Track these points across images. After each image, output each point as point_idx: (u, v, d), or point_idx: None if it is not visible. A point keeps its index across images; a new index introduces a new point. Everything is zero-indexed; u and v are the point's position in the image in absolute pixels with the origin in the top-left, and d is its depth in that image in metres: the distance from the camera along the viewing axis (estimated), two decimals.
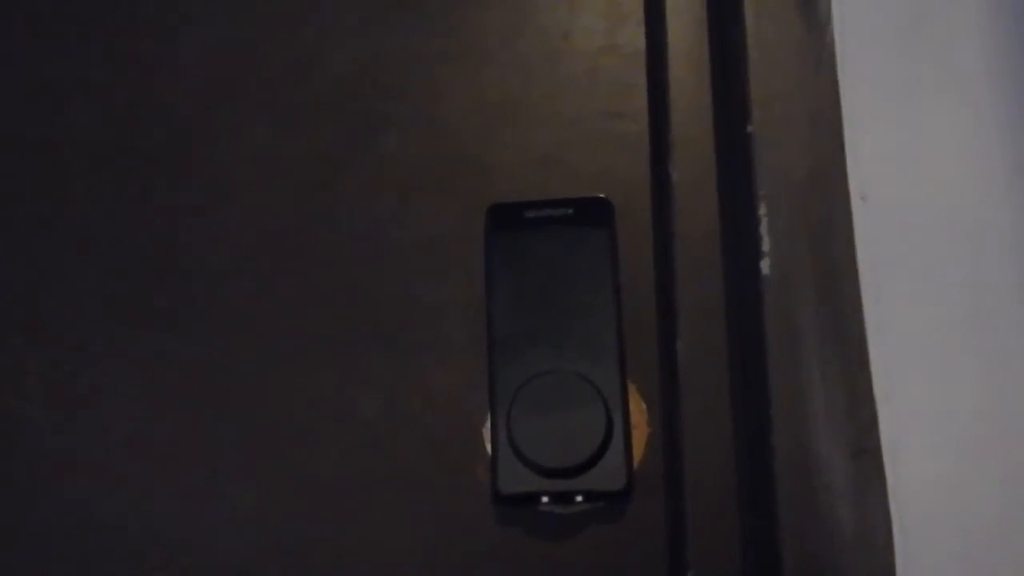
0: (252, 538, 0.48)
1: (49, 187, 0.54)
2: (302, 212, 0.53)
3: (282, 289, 0.52)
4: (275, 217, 0.53)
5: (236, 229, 0.53)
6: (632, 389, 0.48)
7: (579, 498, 0.47)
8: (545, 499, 0.47)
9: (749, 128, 0.40)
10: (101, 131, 0.55)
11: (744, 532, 0.41)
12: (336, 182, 0.53)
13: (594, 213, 0.50)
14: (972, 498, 0.36)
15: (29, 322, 0.52)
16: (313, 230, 0.52)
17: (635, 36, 0.52)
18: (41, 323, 0.52)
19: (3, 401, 0.50)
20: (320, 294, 0.51)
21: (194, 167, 0.54)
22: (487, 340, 0.49)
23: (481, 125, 0.53)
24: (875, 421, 0.36)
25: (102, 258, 0.53)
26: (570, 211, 0.50)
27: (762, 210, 0.39)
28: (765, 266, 0.38)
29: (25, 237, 0.54)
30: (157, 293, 0.52)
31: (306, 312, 0.51)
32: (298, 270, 0.52)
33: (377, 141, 0.53)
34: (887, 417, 0.36)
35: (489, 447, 0.48)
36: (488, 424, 0.48)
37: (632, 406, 0.48)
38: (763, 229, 0.39)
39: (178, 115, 0.55)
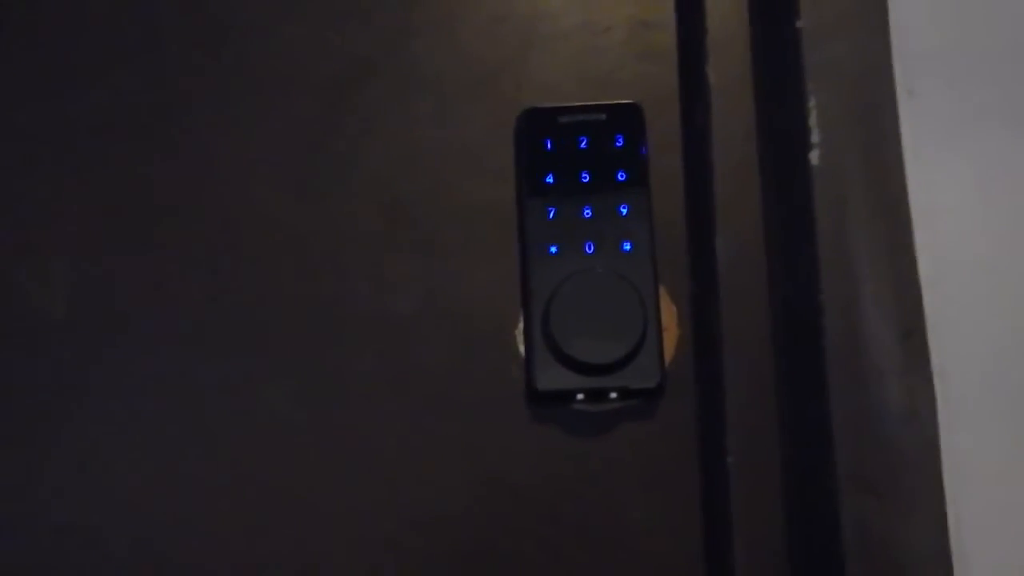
0: (284, 434, 0.48)
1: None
2: (333, 112, 0.52)
3: (314, 189, 0.51)
4: (306, 117, 0.52)
5: (266, 129, 0.52)
6: (663, 291, 0.49)
7: (613, 395, 0.48)
8: (580, 396, 0.48)
9: (799, 24, 0.41)
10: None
11: (784, 417, 0.42)
12: (368, 84, 0.52)
13: (626, 118, 0.50)
14: (1015, 377, 0.37)
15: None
16: (345, 130, 0.52)
17: None
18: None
19: None
20: (353, 195, 0.51)
21: (221, 64, 0.53)
22: (519, 242, 0.50)
23: (511, 32, 0.53)
24: (920, 305, 0.38)
25: (111, 155, 0.52)
26: (603, 116, 0.51)
27: (812, 102, 0.40)
28: (815, 157, 0.39)
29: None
30: (180, 192, 0.51)
31: (338, 213, 0.51)
32: (330, 171, 0.52)
33: (408, 46, 0.53)
34: (932, 301, 0.38)
35: (522, 347, 0.49)
36: (521, 325, 0.49)
37: (663, 308, 0.49)
38: (812, 121, 0.39)
39: (207, 11, 0.53)
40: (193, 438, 0.48)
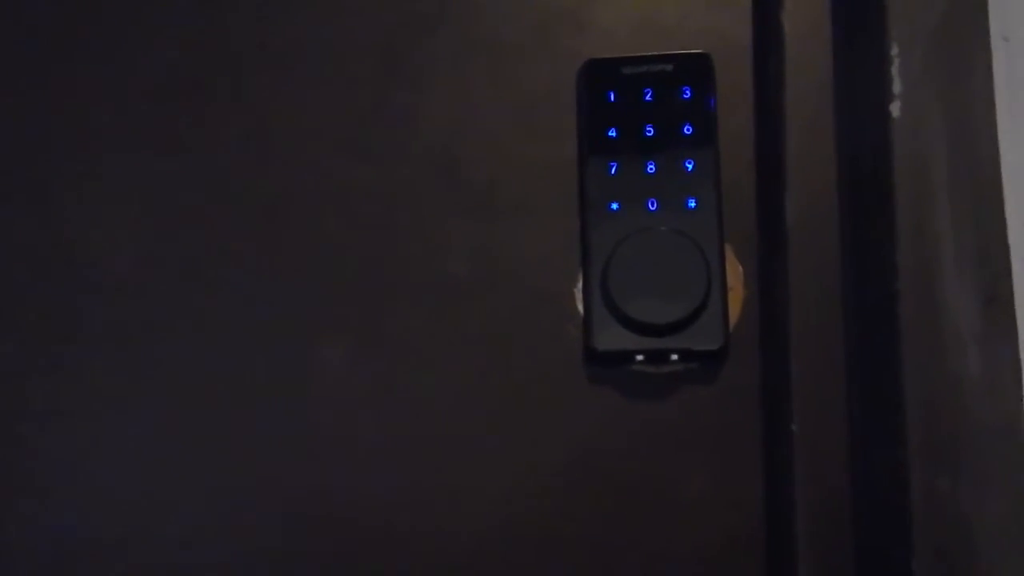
0: (342, 394, 0.48)
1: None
2: (390, 70, 0.51)
3: (370, 149, 0.50)
4: (362, 75, 0.51)
5: (321, 89, 0.51)
6: (728, 251, 0.47)
7: (674, 357, 0.46)
8: (640, 357, 0.46)
9: None
10: None
11: (852, 384, 0.40)
12: (424, 40, 0.51)
13: (694, 69, 0.48)
14: None
15: None
16: (401, 88, 0.51)
17: None
18: None
19: None
20: (409, 154, 0.50)
21: (277, 23, 0.52)
22: (579, 198, 0.48)
23: None
24: (1008, 270, 0.35)
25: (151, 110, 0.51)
26: (669, 67, 0.48)
27: (894, 50, 0.37)
28: (895, 109, 0.37)
29: None
30: (235, 154, 0.51)
31: (395, 173, 0.50)
32: (386, 130, 0.50)
33: (465, 1, 0.51)
34: (1022, 266, 0.35)
35: (581, 306, 0.47)
36: (580, 284, 0.48)
37: (728, 268, 0.47)
38: (895, 70, 0.37)
39: None
40: (247, 398, 0.48)
